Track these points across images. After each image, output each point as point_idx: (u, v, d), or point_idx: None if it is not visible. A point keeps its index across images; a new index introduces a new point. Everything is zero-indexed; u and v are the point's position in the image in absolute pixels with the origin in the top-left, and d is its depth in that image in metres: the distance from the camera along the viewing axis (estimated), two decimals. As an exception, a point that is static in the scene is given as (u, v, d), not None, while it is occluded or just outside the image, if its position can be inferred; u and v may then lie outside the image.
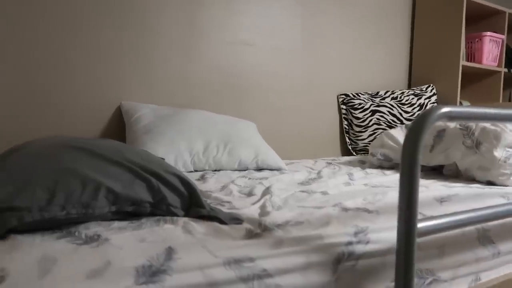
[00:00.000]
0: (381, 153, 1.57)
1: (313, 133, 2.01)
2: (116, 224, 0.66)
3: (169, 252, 0.54)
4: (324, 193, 1.03)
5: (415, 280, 0.76)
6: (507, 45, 2.56)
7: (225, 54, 1.76)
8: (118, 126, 1.53)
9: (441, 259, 0.81)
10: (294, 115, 1.96)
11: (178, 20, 1.63)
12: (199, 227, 0.67)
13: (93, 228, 0.63)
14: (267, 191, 1.01)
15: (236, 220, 0.71)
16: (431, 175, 1.43)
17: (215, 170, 1.37)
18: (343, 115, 2.07)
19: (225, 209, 0.83)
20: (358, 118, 2.02)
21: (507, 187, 1.20)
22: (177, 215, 0.70)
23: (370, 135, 2.01)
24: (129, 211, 0.68)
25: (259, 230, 0.68)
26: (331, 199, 0.96)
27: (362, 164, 1.67)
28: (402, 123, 2.06)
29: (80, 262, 0.50)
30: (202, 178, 1.22)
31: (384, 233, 0.73)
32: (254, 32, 1.82)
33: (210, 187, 1.07)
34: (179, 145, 1.33)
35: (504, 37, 2.44)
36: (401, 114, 2.06)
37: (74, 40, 1.43)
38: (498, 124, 1.31)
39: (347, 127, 2.07)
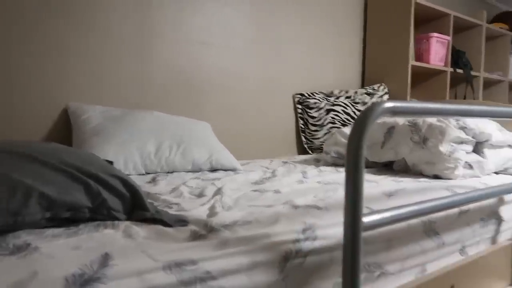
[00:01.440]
0: (334, 151, 1.60)
1: (269, 133, 2.01)
2: (50, 231, 0.61)
3: (105, 259, 0.51)
4: (276, 191, 1.03)
5: (364, 275, 0.77)
6: (452, 46, 2.69)
7: (179, 54, 1.72)
8: (65, 128, 1.46)
9: (389, 252, 0.82)
10: (250, 115, 1.95)
11: (129, 19, 1.58)
12: (141, 230, 0.64)
13: (24, 237, 0.59)
14: (218, 191, 1.00)
15: (182, 222, 0.68)
16: (383, 171, 1.46)
17: (168, 172, 1.34)
18: (299, 115, 2.09)
19: (172, 211, 0.80)
20: (313, 117, 2.04)
21: (452, 180, 1.25)
22: (118, 219, 0.67)
23: (326, 133, 2.03)
24: (66, 217, 0.64)
25: (204, 231, 0.66)
26: (282, 197, 0.95)
27: (317, 162, 1.69)
28: (356, 121, 2.10)
29: (3, 274, 0.46)
30: (153, 180, 1.18)
31: (332, 229, 0.74)
32: (209, 31, 1.80)
33: (160, 190, 1.04)
34: (129, 147, 1.28)
35: (449, 38, 2.56)
36: (354, 113, 2.10)
37: (17, 39, 1.34)
38: (443, 120, 1.36)
39: (303, 126, 2.09)
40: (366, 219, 0.66)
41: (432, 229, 0.92)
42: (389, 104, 0.68)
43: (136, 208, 0.68)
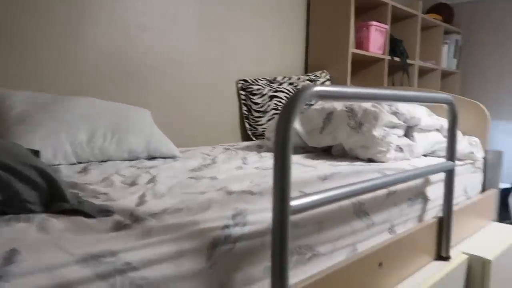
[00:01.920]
0: (276, 137, 1.61)
1: (212, 119, 1.99)
2: (-47, 228, 0.56)
3: (11, 255, 0.47)
4: (213, 178, 1.02)
5: (295, 257, 0.79)
6: (390, 35, 2.80)
7: (116, 37, 1.64)
8: (-14, 116, 1.34)
9: (320, 234, 0.84)
10: (192, 102, 1.91)
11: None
12: (58, 223, 0.60)
13: None
14: (152, 179, 0.97)
15: (106, 212, 0.65)
16: (322, 156, 1.50)
17: (102, 161, 1.28)
18: (242, 101, 2.08)
19: (99, 201, 0.77)
20: (256, 104, 2.04)
21: (384, 163, 1.31)
22: (34, 212, 0.62)
23: (269, 120, 2.05)
24: (-27, 212, 0.59)
25: (129, 221, 0.64)
26: (218, 183, 0.95)
27: (260, 149, 1.70)
28: (298, 107, 2.13)
29: None
30: (84, 170, 1.12)
31: (263, 214, 0.74)
32: (148, 15, 1.72)
33: (90, 179, 0.99)
34: (58, 135, 1.21)
35: (387, 27, 2.66)
36: (297, 99, 2.13)
37: None
38: (377, 106, 1.42)
39: (246, 113, 2.08)
40: (294, 203, 0.67)
41: (362, 210, 0.96)
42: (317, 89, 0.69)
43: (55, 199, 0.64)
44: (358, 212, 0.95)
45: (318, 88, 0.69)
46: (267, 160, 1.36)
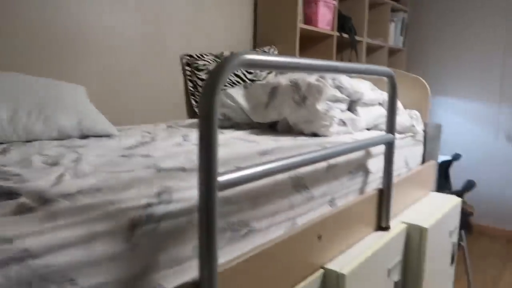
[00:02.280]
0: (220, 113, 1.56)
1: (156, 96, 1.90)
2: None
3: None
4: (146, 156, 0.96)
5: (228, 234, 0.76)
6: (339, 11, 2.79)
7: (48, 8, 1.50)
8: None
9: (255, 210, 0.82)
10: (133, 78, 1.81)
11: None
12: None
13: None
14: (77, 159, 0.89)
15: (10, 195, 0.58)
16: (267, 132, 1.47)
17: (27, 141, 1.17)
18: (187, 77, 2.01)
19: (10, 183, 0.69)
20: (203, 80, 1.97)
21: (327, 138, 1.31)
22: None
23: (216, 96, 1.99)
24: None
25: (36, 204, 0.57)
26: (150, 161, 0.89)
27: (205, 126, 1.64)
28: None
29: None
30: (4, 151, 1.02)
31: (192, 191, 0.70)
32: (76, -19, 1.59)
33: (6, 161, 0.89)
34: (-26, 113, 1.09)
35: (335, 2, 2.65)
36: (245, 75, 2.08)
37: None
38: (321, 80, 1.40)
39: (192, 89, 2.01)
40: (222, 178, 0.63)
41: (301, 184, 0.95)
42: (243, 57, 0.65)
43: None
44: (297, 186, 0.93)
45: (246, 56, 0.65)
46: (209, 136, 1.31)
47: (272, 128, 1.58)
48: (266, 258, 0.80)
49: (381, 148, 1.31)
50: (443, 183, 3.10)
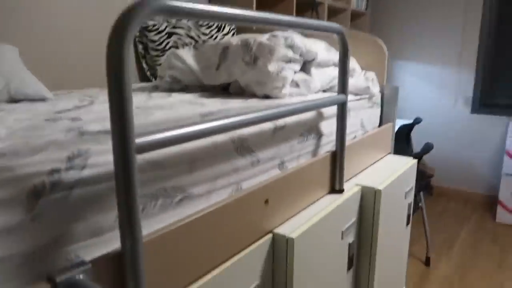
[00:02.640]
0: (169, 75, 1.47)
1: (101, 58, 1.77)
2: None
3: None
4: (74, 119, 0.87)
5: (161, 201, 0.70)
6: (300, -30, 2.68)
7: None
8: None
9: (193, 174, 0.76)
10: (77, 39, 1.67)
11: None
12: None
13: None
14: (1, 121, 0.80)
15: None
16: (218, 95, 1.40)
17: None
18: (137, 38, 1.88)
19: None
20: (153, 41, 1.85)
21: (279, 100, 1.25)
22: None
23: (168, 59, 1.88)
24: None
25: None
26: (76, 124, 0.80)
27: (155, 89, 1.55)
28: (201, 46, 1.98)
29: None
30: None
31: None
32: None
33: None
34: None
35: (296, -40, 2.53)
36: (199, 36, 1.97)
37: None
38: (272, 39, 1.33)
39: (142, 52, 1.89)
40: (140, 140, 0.56)
41: (244, 147, 0.89)
42: (163, 2, 0.57)
43: None
44: (240, 149, 0.88)
45: (164, 1, 0.57)
46: (155, 99, 1.23)
47: (225, 90, 1.51)
48: (205, 224, 0.76)
49: (335, 110, 1.27)
50: (405, 147, 3.16)
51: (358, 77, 1.51)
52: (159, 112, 0.96)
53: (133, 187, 0.55)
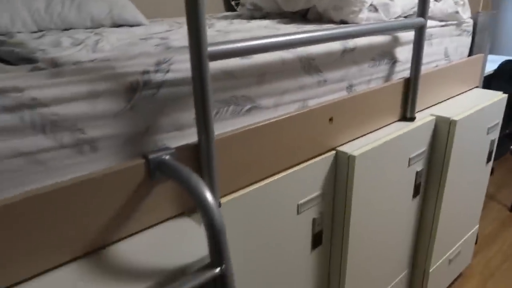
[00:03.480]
0: (250, 2, 1.53)
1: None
2: None
3: None
4: (163, 38, 1.00)
5: (232, 107, 0.81)
6: None
7: None
8: None
9: (261, 87, 0.85)
10: (167, -31, 1.78)
11: None
12: (-25, 67, 0.62)
13: None
14: (100, 40, 0.96)
15: (27, 60, 0.66)
16: (296, 21, 1.43)
17: (65, 30, 1.26)
18: (223, -33, 1.93)
19: (37, 55, 0.77)
20: (238, -30, 1.89)
21: (354, 24, 1.25)
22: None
23: (252, -12, 1.91)
24: None
25: (49, 67, 0.65)
26: (164, 42, 0.93)
27: (238, 17, 1.62)
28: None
29: None
30: (40, 36, 1.11)
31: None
32: None
33: (40, 43, 0.98)
34: (14, 1, 1.17)
35: None
36: (283, -37, 1.95)
37: None
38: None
39: (227, -19, 1.95)
40: (212, 48, 0.66)
41: (312, 66, 0.95)
42: None
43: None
44: (307, 68, 0.94)
45: None
46: (235, 24, 1.32)
47: (304, 17, 1.53)
48: (271, 131, 0.85)
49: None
50: (507, 86, 2.87)
51: (446, 1, 1.41)
52: (236, 34, 1.04)
53: (207, 89, 0.66)
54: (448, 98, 1.50)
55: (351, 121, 1.07)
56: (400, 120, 1.26)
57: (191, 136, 0.75)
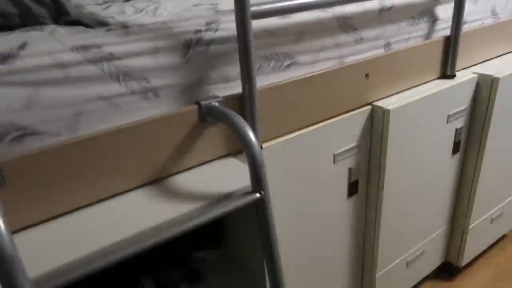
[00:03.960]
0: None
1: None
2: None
3: (23, 45, 0.65)
4: (213, 4, 1.10)
5: (273, 63, 0.90)
6: None
7: None
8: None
9: (299, 44, 0.94)
10: None
11: None
12: (63, 30, 0.77)
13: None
14: (158, 7, 1.08)
15: (103, 24, 0.80)
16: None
17: (126, 1, 1.40)
18: None
19: (109, 20, 0.91)
20: None
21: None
22: (46, 24, 0.79)
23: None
24: None
25: (119, 29, 0.78)
26: (213, 7, 1.03)
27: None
28: None
29: None
30: (107, 6, 1.26)
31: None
32: None
33: (108, 11, 1.13)
34: (83, -23, 1.33)
35: None
36: None
37: None
38: None
39: None
40: (254, 8, 0.76)
41: (348, 25, 1.01)
42: None
43: (61, 14, 0.80)
44: (344, 27, 1.01)
45: None
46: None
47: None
48: (309, 85, 0.95)
49: (456, -7, 1.24)
50: None
51: (495, -44, 1.38)
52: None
53: (250, 46, 0.76)
54: (494, 57, 1.48)
55: (388, 77, 1.13)
56: (440, 77, 1.29)
57: (236, 88, 0.86)
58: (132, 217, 0.67)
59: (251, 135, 0.71)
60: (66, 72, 0.65)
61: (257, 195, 0.71)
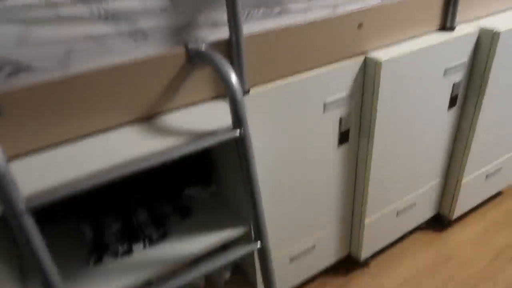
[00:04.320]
0: None
1: None
2: None
3: None
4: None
5: (262, 10, 0.92)
6: None
7: None
8: None
9: (290, -9, 0.94)
10: None
11: None
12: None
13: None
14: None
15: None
16: None
17: None
18: None
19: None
20: None
21: None
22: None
23: None
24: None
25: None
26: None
27: None
28: None
29: None
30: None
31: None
32: None
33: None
34: None
35: None
36: None
37: None
38: None
39: None
40: None
41: (342, -29, 1.01)
42: None
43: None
44: (337, -27, 1.00)
45: None
46: None
47: None
48: (299, 32, 0.96)
49: None
50: None
51: None
52: None
53: (235, -12, 0.78)
54: (500, 12, 1.45)
55: (383, 28, 1.13)
56: (439, 29, 1.28)
57: (224, 33, 0.89)
58: (121, 148, 0.73)
59: (231, 75, 0.75)
60: (57, 11, 0.69)
61: (237, 132, 0.76)
